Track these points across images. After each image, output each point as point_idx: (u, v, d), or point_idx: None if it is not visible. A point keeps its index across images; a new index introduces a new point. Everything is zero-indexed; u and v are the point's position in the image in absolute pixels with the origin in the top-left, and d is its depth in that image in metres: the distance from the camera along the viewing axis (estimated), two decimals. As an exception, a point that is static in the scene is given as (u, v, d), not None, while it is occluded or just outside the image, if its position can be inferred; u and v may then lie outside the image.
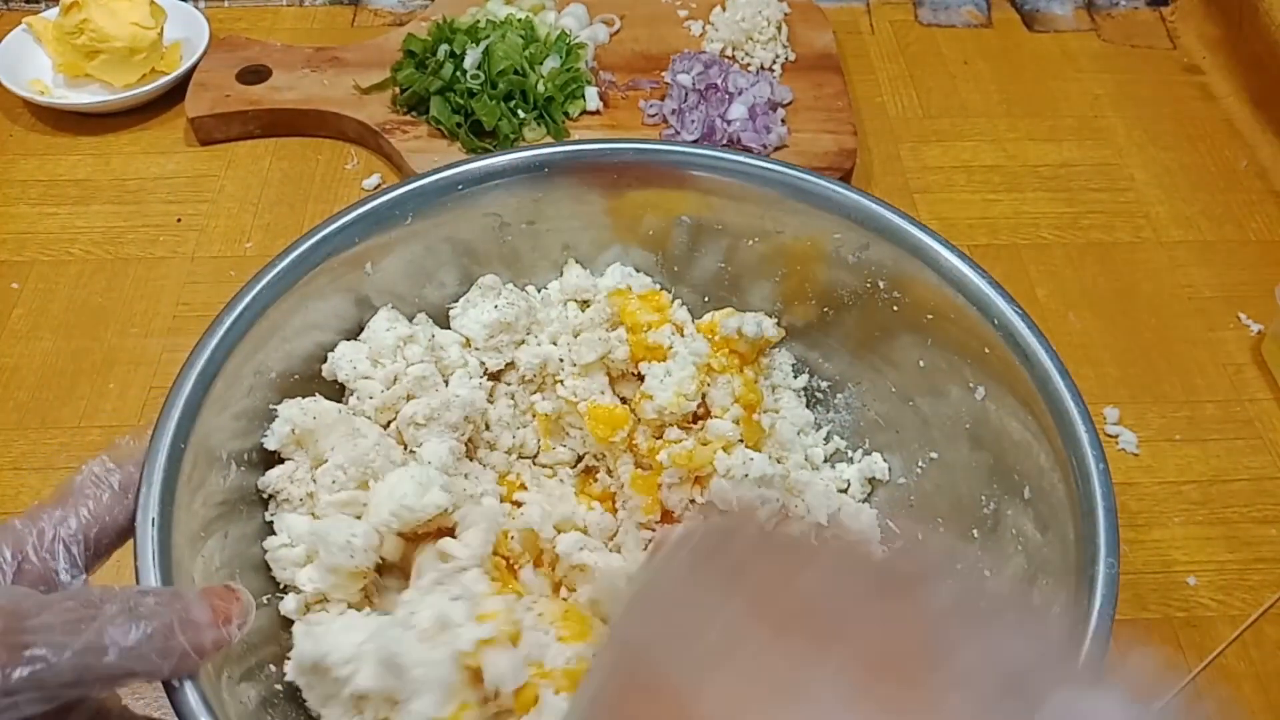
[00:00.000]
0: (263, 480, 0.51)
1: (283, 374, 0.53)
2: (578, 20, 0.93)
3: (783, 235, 0.59)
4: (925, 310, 0.56)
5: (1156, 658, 0.37)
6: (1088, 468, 0.47)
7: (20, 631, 0.31)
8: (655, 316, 0.58)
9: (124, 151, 0.86)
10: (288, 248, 0.52)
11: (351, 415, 0.53)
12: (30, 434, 0.67)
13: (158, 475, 0.43)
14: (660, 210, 0.60)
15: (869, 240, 0.56)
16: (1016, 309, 0.52)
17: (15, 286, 0.76)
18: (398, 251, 0.57)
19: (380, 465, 0.51)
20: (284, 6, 1.01)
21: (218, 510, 0.48)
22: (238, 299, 0.50)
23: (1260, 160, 0.89)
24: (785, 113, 0.86)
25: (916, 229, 0.55)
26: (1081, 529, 0.46)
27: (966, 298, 0.53)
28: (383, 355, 0.55)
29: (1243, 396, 0.72)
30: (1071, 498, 0.47)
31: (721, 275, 0.62)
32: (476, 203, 0.58)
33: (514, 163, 0.58)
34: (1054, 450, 0.49)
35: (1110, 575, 0.44)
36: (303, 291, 0.53)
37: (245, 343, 0.49)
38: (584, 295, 0.61)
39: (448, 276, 0.59)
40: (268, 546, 0.50)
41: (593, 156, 0.59)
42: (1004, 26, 1.02)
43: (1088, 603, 0.44)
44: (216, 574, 0.46)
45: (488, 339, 0.57)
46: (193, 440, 0.46)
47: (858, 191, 0.57)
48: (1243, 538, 0.64)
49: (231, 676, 0.42)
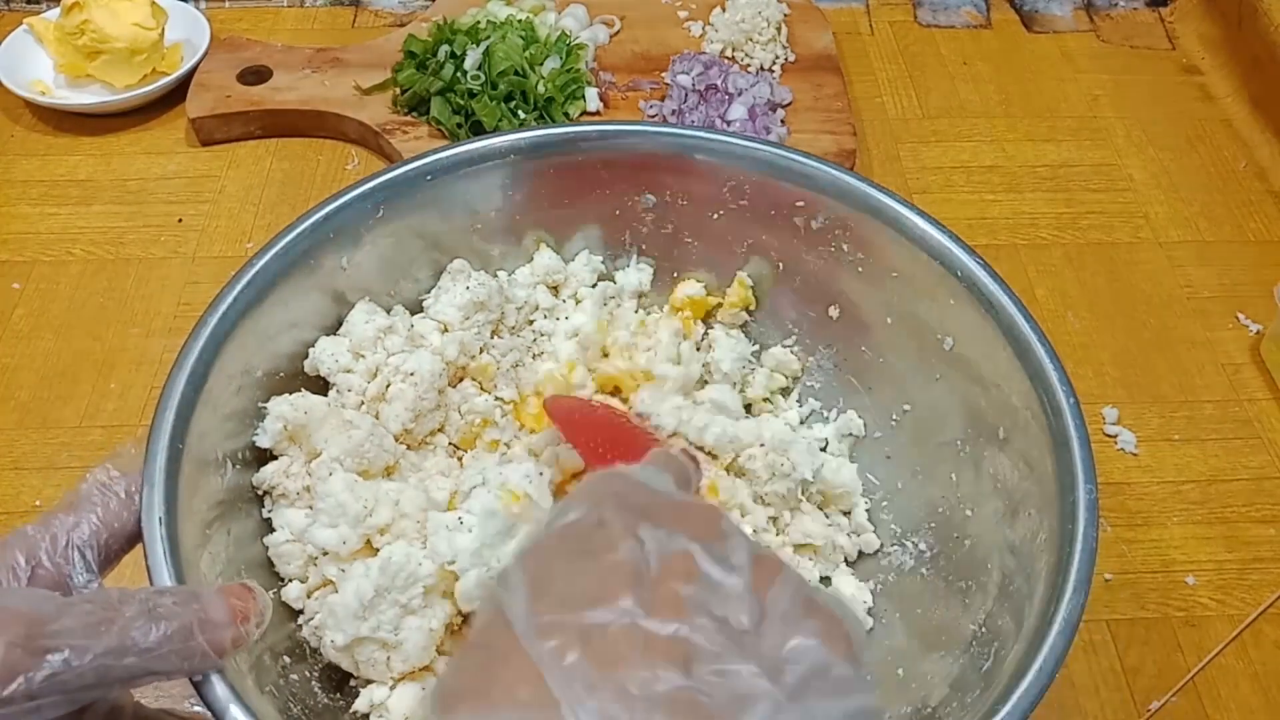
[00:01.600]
0: (257, 477, 0.52)
1: (268, 373, 0.54)
2: (578, 21, 0.93)
3: (745, 205, 0.60)
4: (890, 269, 0.57)
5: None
6: (1058, 402, 0.49)
7: (42, 636, 0.31)
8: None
9: (125, 152, 0.86)
10: (264, 246, 0.53)
11: (341, 408, 0.54)
12: (31, 434, 0.68)
13: (159, 476, 0.44)
14: (626, 189, 0.61)
15: (829, 205, 0.58)
16: (977, 259, 0.54)
17: (16, 287, 0.76)
18: (370, 245, 0.57)
19: (374, 456, 0.52)
20: (285, 7, 1.01)
21: (218, 510, 0.49)
22: (220, 300, 0.51)
23: (1259, 160, 0.89)
24: (785, 113, 0.87)
25: (874, 190, 0.57)
26: (1059, 460, 0.48)
27: (928, 253, 0.55)
28: (363, 347, 0.56)
29: (1241, 396, 0.72)
30: (1045, 433, 0.49)
31: (687, 248, 0.63)
32: (446, 192, 0.59)
33: (481, 151, 0.59)
34: (1024, 390, 0.50)
35: (1090, 500, 0.46)
36: (281, 289, 0.54)
37: (230, 343, 0.50)
38: (554, 279, 0.62)
39: (420, 271, 0.60)
40: (270, 543, 0.51)
41: (557, 141, 0.60)
42: (1003, 27, 1.02)
43: (1071, 527, 0.45)
44: (223, 572, 0.47)
45: (464, 320, 0.58)
46: (189, 441, 0.46)
47: (815, 158, 0.59)
48: (1241, 537, 0.64)
49: (246, 664, 0.43)
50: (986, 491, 0.52)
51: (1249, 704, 0.58)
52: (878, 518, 0.59)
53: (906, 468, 0.58)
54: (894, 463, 0.59)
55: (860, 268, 0.59)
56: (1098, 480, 0.47)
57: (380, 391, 0.55)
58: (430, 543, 0.49)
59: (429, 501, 0.52)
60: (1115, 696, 0.58)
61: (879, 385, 0.60)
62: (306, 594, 0.51)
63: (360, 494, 0.50)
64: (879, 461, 0.60)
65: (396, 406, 0.55)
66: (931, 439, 0.57)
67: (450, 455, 0.58)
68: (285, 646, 0.49)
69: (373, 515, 0.50)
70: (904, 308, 0.58)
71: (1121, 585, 0.62)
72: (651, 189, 0.62)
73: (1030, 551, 0.48)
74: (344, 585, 0.48)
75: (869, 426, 0.61)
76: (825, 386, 0.63)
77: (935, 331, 0.56)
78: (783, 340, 0.64)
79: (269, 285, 0.53)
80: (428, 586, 0.48)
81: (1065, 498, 0.47)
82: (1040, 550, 0.47)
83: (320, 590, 0.51)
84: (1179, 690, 0.58)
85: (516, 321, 0.61)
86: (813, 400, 0.63)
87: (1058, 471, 0.48)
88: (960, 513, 0.54)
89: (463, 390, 0.59)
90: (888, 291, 0.58)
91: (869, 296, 0.59)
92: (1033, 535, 0.48)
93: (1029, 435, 0.50)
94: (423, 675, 0.49)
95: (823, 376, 0.63)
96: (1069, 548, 0.45)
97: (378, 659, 0.48)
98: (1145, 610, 0.61)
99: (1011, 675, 0.42)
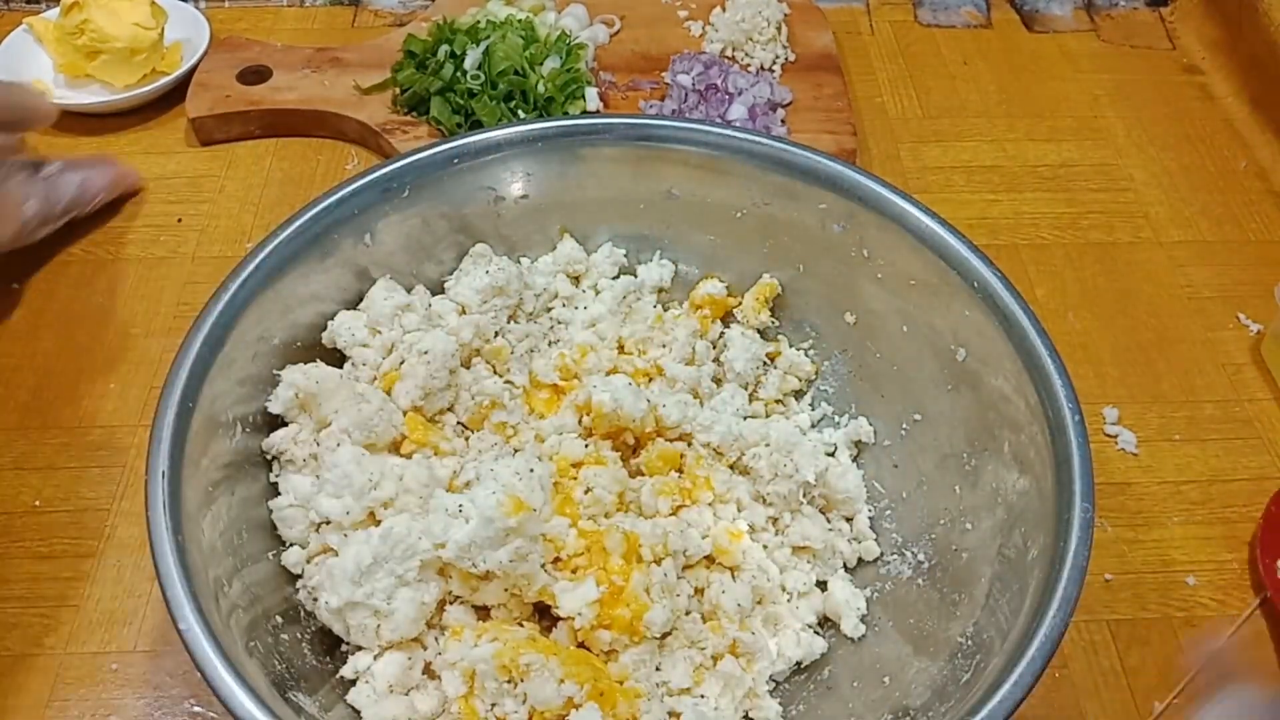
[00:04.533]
0: (267, 442, 0.53)
1: (286, 341, 0.55)
2: (578, 21, 0.93)
3: (770, 207, 0.60)
4: (908, 276, 0.57)
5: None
6: (1063, 418, 0.49)
7: None
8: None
9: (125, 152, 0.86)
10: (289, 217, 0.54)
11: (355, 381, 0.55)
12: (31, 434, 0.67)
13: (166, 432, 0.45)
14: (651, 184, 0.62)
15: (853, 210, 0.58)
16: (994, 271, 0.54)
17: (16, 286, 0.76)
18: (396, 224, 0.58)
19: (383, 430, 0.53)
20: (284, 7, 1.01)
21: (224, 471, 0.50)
22: (240, 269, 0.52)
23: (1259, 160, 0.89)
24: (785, 113, 0.87)
25: (898, 197, 0.57)
26: (1059, 477, 0.48)
27: (947, 262, 0.55)
28: (380, 323, 0.57)
29: (1242, 396, 0.72)
30: (1049, 448, 0.49)
31: (710, 246, 0.63)
32: (472, 177, 0.60)
33: (509, 137, 0.60)
34: (1031, 404, 0.51)
35: (1085, 519, 0.46)
36: (304, 260, 0.55)
37: (250, 310, 0.52)
38: (575, 269, 0.63)
39: (445, 253, 0.61)
40: (274, 506, 0.52)
41: (585, 130, 0.60)
42: (1003, 27, 1.02)
43: (1064, 544, 0.45)
44: (224, 532, 0.48)
45: (482, 304, 0.59)
46: (200, 401, 0.48)
47: (841, 162, 0.59)
48: (1242, 537, 0.64)
49: (238, 624, 0.44)
50: (988, 505, 0.52)
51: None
52: (880, 526, 0.59)
53: (913, 477, 0.58)
54: (901, 471, 0.59)
55: (879, 274, 0.58)
56: (1096, 483, 0.47)
57: (394, 367, 0.56)
58: (429, 519, 0.49)
59: (432, 478, 0.52)
60: (1116, 697, 0.58)
61: (891, 393, 0.60)
62: (306, 559, 0.52)
63: (367, 467, 0.51)
64: (886, 470, 0.60)
65: (408, 383, 0.55)
66: (939, 450, 0.57)
67: (458, 435, 0.58)
68: (280, 609, 0.50)
69: (377, 489, 0.51)
70: (920, 317, 0.57)
71: (1122, 585, 0.62)
72: (677, 185, 0.62)
73: (1023, 567, 0.48)
74: (344, 549, 0.49)
75: (879, 434, 0.61)
76: (839, 392, 0.63)
77: (949, 342, 0.56)
78: (799, 343, 0.64)
79: (292, 256, 0.54)
80: (424, 561, 0.49)
81: (1062, 515, 0.46)
82: (1032, 566, 0.47)
83: (320, 556, 0.52)
84: (1180, 691, 0.58)
85: (534, 308, 0.62)
86: (825, 405, 0.63)
87: (1057, 488, 0.47)
88: (960, 525, 0.54)
89: (475, 371, 0.59)
90: (905, 299, 0.58)
91: (886, 303, 0.59)
92: (1026, 551, 0.48)
93: (1033, 450, 0.50)
94: (410, 647, 0.50)
95: (836, 381, 0.63)
96: (1059, 565, 0.45)
97: (368, 625, 0.49)
98: (1146, 610, 0.61)
99: (989, 687, 0.43)
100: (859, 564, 0.58)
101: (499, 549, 0.48)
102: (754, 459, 0.58)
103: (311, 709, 0.46)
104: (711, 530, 0.56)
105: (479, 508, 0.48)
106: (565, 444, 0.56)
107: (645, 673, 0.50)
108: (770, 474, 0.57)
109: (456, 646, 0.49)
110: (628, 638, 0.50)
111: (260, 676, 0.43)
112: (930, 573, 0.54)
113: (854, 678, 0.52)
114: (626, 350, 0.62)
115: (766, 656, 0.53)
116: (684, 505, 0.57)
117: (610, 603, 0.50)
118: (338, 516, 0.50)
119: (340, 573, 0.48)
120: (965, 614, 0.50)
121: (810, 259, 0.61)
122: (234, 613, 0.45)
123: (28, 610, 0.59)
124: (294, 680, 0.47)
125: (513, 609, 0.51)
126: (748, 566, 0.55)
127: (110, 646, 0.58)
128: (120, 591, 0.60)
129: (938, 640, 0.50)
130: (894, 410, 0.60)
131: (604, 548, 0.52)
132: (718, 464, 0.58)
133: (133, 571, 0.61)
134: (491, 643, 0.48)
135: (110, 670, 0.57)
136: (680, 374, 0.60)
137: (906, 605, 0.54)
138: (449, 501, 0.50)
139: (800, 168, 0.59)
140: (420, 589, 0.49)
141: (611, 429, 0.57)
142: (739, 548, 0.55)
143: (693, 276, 0.65)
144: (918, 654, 0.51)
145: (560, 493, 0.54)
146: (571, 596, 0.50)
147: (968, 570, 0.52)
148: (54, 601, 0.60)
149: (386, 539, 0.48)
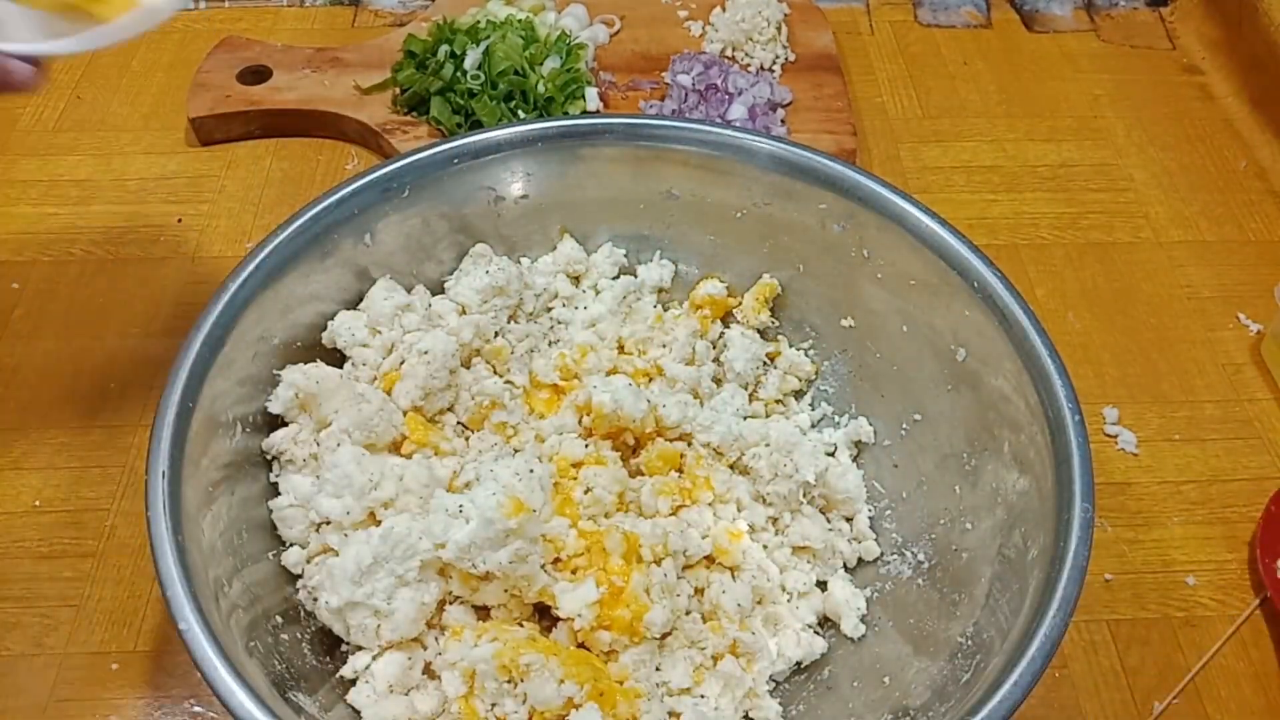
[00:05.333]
0: (267, 442, 0.54)
1: (286, 342, 0.55)
2: (578, 21, 0.93)
3: (770, 207, 0.60)
4: (908, 276, 0.57)
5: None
6: (1063, 418, 0.49)
7: None
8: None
9: (125, 151, 0.86)
10: (289, 217, 0.54)
11: (355, 381, 0.55)
12: (31, 434, 0.67)
13: (166, 432, 0.45)
14: (652, 184, 0.62)
15: (853, 210, 0.58)
16: (994, 271, 0.54)
17: (16, 286, 0.76)
18: (396, 224, 0.58)
19: (383, 430, 0.53)
20: (284, 7, 1.01)
21: (224, 471, 0.50)
22: (240, 268, 0.52)
23: (1259, 160, 0.89)
24: (785, 113, 0.87)
25: (898, 197, 0.57)
26: (1059, 477, 0.48)
27: (947, 262, 0.55)
28: (381, 323, 0.57)
29: (1242, 396, 0.72)
30: (1049, 448, 0.49)
31: (710, 246, 0.63)
32: (472, 177, 0.60)
33: (509, 137, 0.60)
34: (1031, 404, 0.51)
35: (1085, 519, 0.46)
36: (304, 260, 0.55)
37: (250, 310, 0.52)
38: (575, 269, 0.63)
39: (445, 253, 0.61)
40: (274, 506, 0.52)
41: (585, 131, 0.60)
42: (1003, 27, 1.02)
43: (1063, 544, 0.46)
44: (225, 532, 0.48)
45: (482, 304, 0.59)
46: (201, 401, 0.48)
47: (841, 162, 0.59)
48: (1242, 537, 0.64)
49: (238, 624, 0.44)
50: (988, 505, 0.52)
51: (1249, 704, 0.58)
52: (880, 526, 0.59)
53: (913, 478, 0.58)
54: (901, 472, 0.59)
55: (879, 274, 0.58)
56: (1096, 482, 0.47)
57: (394, 367, 0.56)
58: (429, 519, 0.49)
59: (432, 479, 0.52)
60: (1116, 697, 0.58)
61: (891, 393, 0.60)
62: (306, 559, 0.52)
63: (367, 467, 0.51)
64: (886, 470, 0.60)
65: (408, 383, 0.55)
66: (939, 450, 0.57)
67: (458, 435, 0.58)
68: (280, 609, 0.50)
69: (378, 489, 0.51)
70: (920, 317, 0.57)
71: (1122, 585, 0.62)
72: (677, 185, 0.62)
73: (1023, 567, 0.48)
74: (345, 549, 0.49)
75: (879, 434, 0.61)
76: (839, 392, 0.63)
77: (949, 342, 0.56)
78: (798, 343, 0.64)
79: (292, 256, 0.54)
80: (424, 561, 0.49)
81: (1062, 515, 0.46)
82: (1032, 566, 0.47)
83: (320, 556, 0.52)
84: (1180, 691, 0.58)
85: (535, 308, 0.62)
86: (825, 405, 0.63)
87: (1057, 488, 0.48)
88: (960, 525, 0.54)
89: (475, 371, 0.59)
90: (905, 299, 0.58)
91: (886, 303, 0.59)
92: (1026, 551, 0.48)
93: (1033, 450, 0.50)
94: (410, 647, 0.50)
95: (837, 381, 0.63)
96: (1059, 565, 0.45)
97: (368, 625, 0.49)
98: (1146, 610, 0.61)
99: (989, 687, 0.43)
100: (859, 564, 0.58)
101: (499, 550, 0.48)
102: (754, 459, 0.58)
103: (311, 709, 0.46)
104: (711, 530, 0.56)
105: (479, 508, 0.48)
106: (565, 444, 0.56)
107: (645, 673, 0.50)
108: (770, 474, 0.57)
109: (456, 646, 0.49)
110: (628, 638, 0.50)
111: (260, 676, 0.44)
112: (930, 573, 0.54)
113: (854, 678, 0.52)
114: (626, 350, 0.62)
115: (766, 656, 0.53)
116: (684, 505, 0.57)
117: (610, 603, 0.50)
118: (338, 516, 0.50)
119: (340, 573, 0.48)
120: (965, 614, 0.50)
121: (810, 259, 0.61)
122: (234, 613, 0.45)
123: (28, 610, 0.59)
124: (294, 680, 0.47)
125: (513, 609, 0.51)
126: (748, 566, 0.55)
127: (110, 646, 0.58)
128: (120, 591, 0.60)
129: (938, 640, 0.50)
130: (894, 410, 0.60)
131: (604, 548, 0.52)
132: (718, 464, 0.59)
133: (133, 571, 0.61)
134: (491, 643, 0.48)
135: (110, 670, 0.57)
136: (680, 374, 0.60)
137: (906, 605, 0.54)
138: (449, 502, 0.50)
139: (800, 168, 0.59)
140: (420, 589, 0.49)
141: (611, 429, 0.57)
142: (739, 548, 0.56)
143: (693, 276, 0.65)
144: (918, 654, 0.51)
145: (560, 493, 0.54)
146: (571, 597, 0.50)
147: (968, 570, 0.52)
148: (54, 601, 0.60)
149: (386, 539, 0.48)
